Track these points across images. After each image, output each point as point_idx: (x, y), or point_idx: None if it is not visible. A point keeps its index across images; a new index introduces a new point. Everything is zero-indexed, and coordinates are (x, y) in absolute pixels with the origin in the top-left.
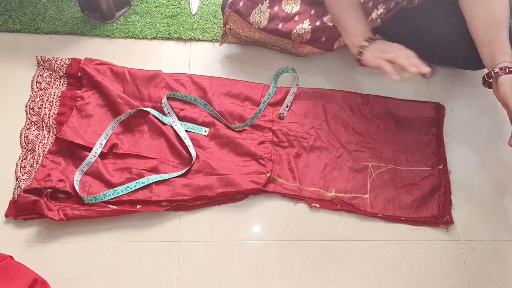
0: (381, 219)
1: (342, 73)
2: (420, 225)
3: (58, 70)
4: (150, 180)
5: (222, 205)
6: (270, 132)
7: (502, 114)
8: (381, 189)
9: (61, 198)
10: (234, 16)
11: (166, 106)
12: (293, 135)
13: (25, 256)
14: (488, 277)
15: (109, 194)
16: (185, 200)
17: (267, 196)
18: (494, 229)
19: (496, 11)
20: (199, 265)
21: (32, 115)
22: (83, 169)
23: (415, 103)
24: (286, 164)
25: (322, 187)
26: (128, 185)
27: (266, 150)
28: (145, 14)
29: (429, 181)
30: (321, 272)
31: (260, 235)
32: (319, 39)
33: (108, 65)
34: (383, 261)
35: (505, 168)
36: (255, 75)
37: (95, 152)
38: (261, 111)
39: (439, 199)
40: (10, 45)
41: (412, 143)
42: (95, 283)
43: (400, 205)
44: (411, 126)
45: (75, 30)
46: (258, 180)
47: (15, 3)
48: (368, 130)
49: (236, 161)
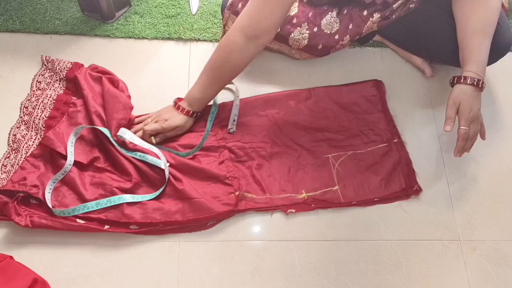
0: (356, 206)
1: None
2: (393, 201)
3: (59, 72)
4: (122, 199)
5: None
6: (226, 149)
7: (502, 114)
8: (348, 177)
9: (32, 204)
10: (233, 18)
11: (124, 132)
12: (250, 147)
13: (25, 256)
14: (488, 277)
15: (78, 209)
16: (154, 223)
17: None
18: (494, 229)
19: (473, 19)
20: (199, 265)
21: (25, 114)
22: (58, 178)
23: (355, 85)
24: (251, 178)
25: (292, 191)
26: (99, 201)
27: (227, 169)
28: (145, 14)
29: (389, 157)
30: (321, 272)
31: (260, 235)
32: (315, 46)
33: (109, 76)
34: (383, 261)
35: (505, 168)
36: (255, 75)
37: (70, 161)
38: (209, 132)
39: (402, 171)
40: (10, 45)
41: (363, 124)
42: (95, 283)
43: (370, 187)
44: (358, 108)
45: (75, 30)
46: (229, 201)
47: (15, 3)
48: (318, 123)
49: (202, 186)
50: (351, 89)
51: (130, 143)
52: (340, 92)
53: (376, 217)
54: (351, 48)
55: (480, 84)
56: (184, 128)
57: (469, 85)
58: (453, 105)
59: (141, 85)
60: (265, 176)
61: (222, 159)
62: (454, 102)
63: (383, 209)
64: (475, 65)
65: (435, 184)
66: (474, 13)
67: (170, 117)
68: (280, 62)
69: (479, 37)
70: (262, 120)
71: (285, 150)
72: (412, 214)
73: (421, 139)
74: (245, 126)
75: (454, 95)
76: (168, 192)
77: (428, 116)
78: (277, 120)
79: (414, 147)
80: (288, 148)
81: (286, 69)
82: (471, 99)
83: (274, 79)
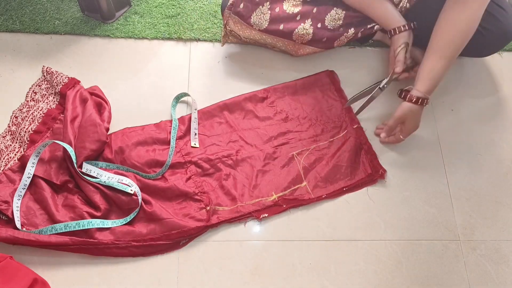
0: (326, 199)
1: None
2: (360, 188)
3: (55, 86)
4: (91, 224)
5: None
6: (192, 164)
7: (502, 114)
8: (314, 171)
9: (2, 220)
10: (234, 17)
11: (90, 169)
12: (215, 158)
13: (25, 256)
14: (488, 277)
15: (45, 230)
16: (128, 243)
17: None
18: (494, 229)
19: (437, 38)
20: (199, 265)
21: (14, 124)
22: (20, 194)
23: (309, 78)
24: (220, 190)
25: (262, 195)
26: (67, 223)
27: (196, 184)
28: (145, 14)
29: (350, 144)
30: (321, 272)
31: (260, 235)
32: (320, 39)
33: (97, 99)
34: (383, 261)
35: (505, 168)
36: (255, 75)
37: (28, 174)
38: (173, 149)
39: (366, 157)
40: (10, 45)
41: (322, 115)
42: (95, 283)
43: (337, 177)
44: (314, 100)
45: (75, 30)
46: (200, 216)
47: (15, 3)
48: (278, 122)
49: (171, 205)
50: (305, 82)
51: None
52: (295, 87)
53: (376, 217)
54: (350, 48)
55: (425, 102)
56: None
57: (415, 103)
58: (399, 119)
59: (141, 85)
60: (234, 185)
61: (189, 175)
62: (401, 117)
63: (383, 209)
64: (425, 85)
65: (435, 184)
66: (441, 33)
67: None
68: (280, 62)
69: (436, 57)
70: (223, 128)
71: (249, 155)
72: (412, 214)
73: (421, 139)
74: (207, 137)
75: (402, 111)
76: (137, 216)
77: (428, 116)
78: (237, 125)
79: (414, 147)
80: (252, 153)
81: (286, 69)
82: (417, 116)
83: (274, 78)
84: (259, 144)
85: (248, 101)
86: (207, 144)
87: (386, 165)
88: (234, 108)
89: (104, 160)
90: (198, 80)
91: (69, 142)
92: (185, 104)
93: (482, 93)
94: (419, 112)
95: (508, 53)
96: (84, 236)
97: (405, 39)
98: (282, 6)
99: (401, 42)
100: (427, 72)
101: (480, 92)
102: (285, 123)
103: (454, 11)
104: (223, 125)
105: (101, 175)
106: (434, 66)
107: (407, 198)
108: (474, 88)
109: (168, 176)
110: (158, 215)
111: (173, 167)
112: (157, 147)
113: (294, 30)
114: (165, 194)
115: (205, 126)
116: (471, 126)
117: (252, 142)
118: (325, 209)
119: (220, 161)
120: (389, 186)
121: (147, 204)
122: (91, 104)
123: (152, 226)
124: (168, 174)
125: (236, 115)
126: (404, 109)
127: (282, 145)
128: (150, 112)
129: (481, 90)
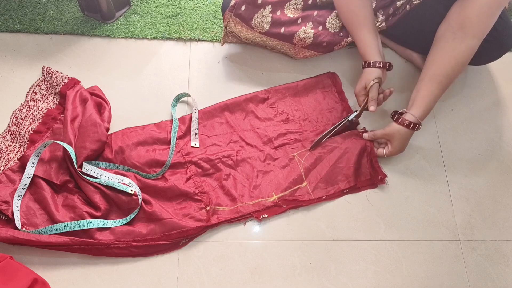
0: (326, 200)
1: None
2: (360, 191)
3: (55, 86)
4: (91, 224)
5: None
6: (192, 164)
7: (502, 114)
8: (316, 171)
9: (2, 220)
10: (235, 19)
11: (90, 169)
12: (215, 158)
13: (25, 256)
14: (488, 277)
15: (45, 230)
16: (129, 243)
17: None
18: (494, 229)
19: (435, 65)
20: (199, 265)
21: (13, 124)
22: (20, 194)
23: (310, 79)
24: (220, 190)
25: (262, 195)
26: (67, 223)
27: (196, 184)
28: (145, 14)
29: (351, 146)
30: (321, 272)
31: (260, 235)
32: (320, 44)
33: (97, 99)
34: (383, 261)
35: (505, 168)
36: (255, 75)
37: (28, 174)
38: (173, 148)
39: (367, 159)
40: (10, 45)
41: (323, 117)
42: (95, 283)
43: (337, 179)
44: (315, 102)
45: (75, 30)
46: (200, 216)
47: (15, 3)
48: (279, 123)
49: (171, 205)
50: (307, 84)
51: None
52: (296, 88)
53: (376, 217)
54: (350, 48)
55: (416, 128)
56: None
57: (406, 127)
58: (386, 136)
59: (141, 85)
60: (234, 185)
61: (189, 175)
62: (388, 135)
63: (383, 209)
64: (419, 111)
65: (435, 184)
66: (440, 61)
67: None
68: (279, 62)
69: (434, 84)
70: (224, 128)
71: (250, 156)
72: (412, 214)
73: (421, 139)
74: (207, 137)
75: (391, 131)
76: (137, 216)
77: (428, 116)
78: (238, 126)
79: (414, 147)
80: (252, 153)
81: (286, 69)
82: (405, 140)
83: (274, 79)
84: (260, 145)
85: (249, 102)
86: (208, 144)
87: (386, 165)
88: (235, 108)
89: (104, 160)
90: (198, 80)
91: (69, 142)
92: (185, 104)
93: (482, 93)
94: (408, 137)
95: (508, 53)
96: (84, 236)
97: (378, 74)
98: (283, 10)
99: (374, 76)
100: (422, 98)
101: (480, 92)
102: (286, 124)
103: (454, 41)
104: (223, 126)
105: (101, 175)
106: (431, 93)
107: (407, 198)
108: (474, 88)
109: (168, 176)
110: (158, 215)
111: (173, 167)
112: (157, 147)
113: (295, 33)
114: (165, 194)
115: (206, 126)
116: (471, 126)
117: (253, 143)
118: (325, 209)
119: (220, 161)
120: (389, 186)
121: (147, 204)
122: (91, 104)
123: (152, 226)
124: (168, 174)
125: (237, 116)
126: (393, 130)
127: (283, 146)
128: (150, 112)
129: (481, 90)
